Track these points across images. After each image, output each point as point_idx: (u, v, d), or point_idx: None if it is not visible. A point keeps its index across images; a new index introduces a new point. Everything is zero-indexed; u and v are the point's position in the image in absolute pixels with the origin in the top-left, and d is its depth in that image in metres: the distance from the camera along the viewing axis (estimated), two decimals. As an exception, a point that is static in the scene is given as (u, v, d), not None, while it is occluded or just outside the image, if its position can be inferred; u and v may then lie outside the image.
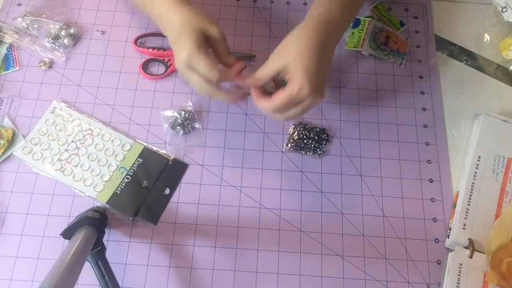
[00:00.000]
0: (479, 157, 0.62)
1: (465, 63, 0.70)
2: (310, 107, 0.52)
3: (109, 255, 0.53)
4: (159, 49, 0.68)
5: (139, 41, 0.70)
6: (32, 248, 0.57)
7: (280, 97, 0.50)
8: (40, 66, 0.67)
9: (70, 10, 0.72)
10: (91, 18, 0.71)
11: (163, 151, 0.63)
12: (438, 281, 0.57)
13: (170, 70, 0.67)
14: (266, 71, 0.52)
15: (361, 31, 0.69)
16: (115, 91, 0.66)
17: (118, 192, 0.60)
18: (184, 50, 0.50)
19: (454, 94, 0.68)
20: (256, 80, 0.53)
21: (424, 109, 0.67)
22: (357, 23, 0.71)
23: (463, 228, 0.58)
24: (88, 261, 0.52)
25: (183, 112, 0.64)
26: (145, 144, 0.63)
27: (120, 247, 0.58)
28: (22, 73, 0.67)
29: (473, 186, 0.60)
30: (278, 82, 0.56)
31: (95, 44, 0.69)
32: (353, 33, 0.70)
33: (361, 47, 0.68)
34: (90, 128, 0.63)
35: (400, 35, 0.71)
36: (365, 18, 0.71)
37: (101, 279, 0.51)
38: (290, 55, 0.50)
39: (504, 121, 0.64)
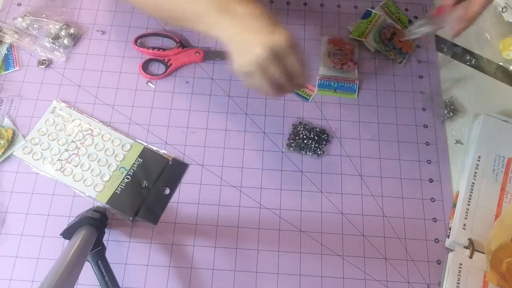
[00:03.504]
0: (479, 157, 0.62)
1: (465, 63, 0.70)
2: None
3: (109, 255, 0.53)
4: (159, 49, 0.68)
5: (139, 41, 0.70)
6: (32, 248, 0.57)
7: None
8: (38, 66, 0.67)
9: (70, 10, 0.72)
10: (91, 18, 0.71)
11: (163, 151, 0.63)
12: (438, 281, 0.58)
13: (170, 70, 0.67)
14: None
15: (369, 23, 0.70)
16: (115, 91, 0.66)
17: (118, 192, 0.60)
18: (284, 33, 0.47)
19: (454, 94, 0.68)
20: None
21: (424, 109, 0.67)
22: (367, 15, 0.71)
23: (463, 228, 0.58)
24: (88, 261, 0.52)
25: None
26: (145, 144, 0.63)
27: (120, 247, 0.58)
28: (22, 73, 0.67)
29: (473, 186, 0.60)
30: None
31: (95, 44, 0.69)
32: (361, 23, 0.70)
33: (365, 38, 0.69)
34: (90, 128, 0.63)
35: None
36: (376, 12, 0.71)
37: (101, 279, 0.51)
38: None
39: (504, 121, 0.64)
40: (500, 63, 0.70)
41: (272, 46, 0.47)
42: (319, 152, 0.63)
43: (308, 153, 0.63)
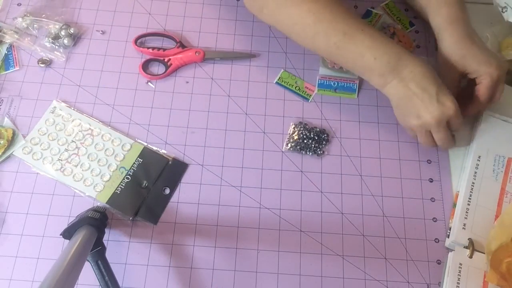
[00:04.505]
0: (479, 157, 0.62)
1: (465, 63, 0.70)
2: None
3: (109, 255, 0.53)
4: (159, 49, 0.68)
5: (139, 41, 0.70)
6: (32, 248, 0.57)
7: (482, 92, 0.58)
8: (39, 64, 0.67)
9: (70, 10, 0.72)
10: (91, 18, 0.71)
11: (163, 151, 0.63)
12: (438, 281, 0.58)
13: (170, 70, 0.67)
14: (452, 87, 0.58)
15: (369, 23, 0.70)
16: (115, 91, 0.66)
17: (118, 192, 0.60)
18: (451, 104, 0.54)
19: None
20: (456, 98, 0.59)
21: (424, 109, 0.67)
22: (368, 14, 0.71)
23: (463, 228, 0.58)
24: (88, 261, 0.52)
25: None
26: (145, 144, 0.63)
27: (120, 247, 0.58)
28: (22, 73, 0.67)
29: (473, 186, 0.60)
30: None
31: (95, 44, 0.69)
32: None
33: None
34: (90, 128, 0.63)
35: (408, 35, 0.71)
36: (377, 12, 0.71)
37: (101, 279, 0.51)
38: (458, 61, 0.58)
39: (504, 121, 0.64)
40: (500, 63, 0.70)
41: (440, 117, 0.54)
42: (319, 152, 0.63)
43: (308, 153, 0.63)
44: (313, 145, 0.63)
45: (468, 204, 0.59)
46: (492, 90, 0.58)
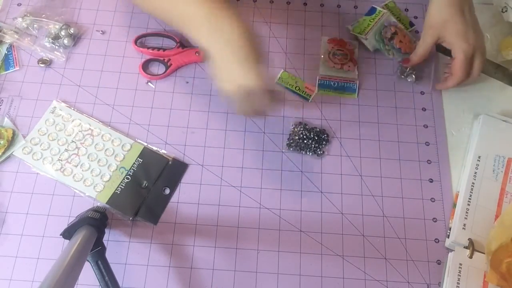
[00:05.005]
0: (479, 157, 0.62)
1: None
2: (484, 55, 0.60)
3: (109, 255, 0.53)
4: (159, 49, 0.68)
5: (139, 41, 0.70)
6: (32, 248, 0.57)
7: (457, 66, 0.59)
8: (39, 64, 0.67)
9: (70, 10, 0.72)
10: (91, 18, 0.71)
11: (163, 151, 0.63)
12: (438, 281, 0.58)
13: (170, 70, 0.67)
14: (423, 47, 0.63)
15: (372, 20, 0.70)
16: (115, 91, 0.66)
17: (118, 192, 0.60)
18: (258, 77, 0.50)
19: (454, 94, 0.68)
20: (419, 58, 0.64)
21: (424, 109, 0.67)
22: (372, 11, 0.71)
23: (463, 228, 0.58)
24: (88, 261, 0.52)
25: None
26: (145, 144, 0.63)
27: (120, 247, 0.58)
28: (22, 73, 0.67)
29: (473, 186, 0.60)
30: None
31: (95, 44, 0.69)
32: (364, 20, 0.70)
33: (365, 35, 0.69)
34: (90, 128, 0.63)
35: (408, 35, 0.71)
36: (381, 9, 0.71)
37: (101, 279, 0.51)
38: (439, 26, 0.59)
39: (504, 121, 0.64)
40: (500, 63, 0.70)
41: (243, 88, 0.51)
42: (319, 152, 0.63)
43: (308, 153, 0.63)
44: (313, 145, 0.63)
45: (468, 204, 0.59)
46: (466, 67, 0.59)
